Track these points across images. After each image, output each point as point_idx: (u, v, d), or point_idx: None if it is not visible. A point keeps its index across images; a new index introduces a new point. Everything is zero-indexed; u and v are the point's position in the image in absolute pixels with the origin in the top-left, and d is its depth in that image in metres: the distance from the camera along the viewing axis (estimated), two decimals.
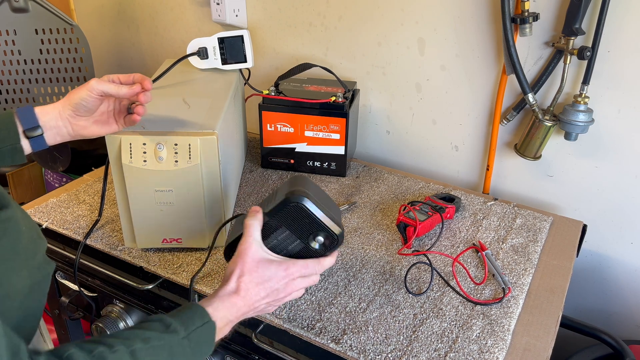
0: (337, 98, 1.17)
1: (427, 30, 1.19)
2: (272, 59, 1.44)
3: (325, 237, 0.76)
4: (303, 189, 0.75)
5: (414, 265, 0.96)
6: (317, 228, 0.75)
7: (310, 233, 0.76)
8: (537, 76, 1.11)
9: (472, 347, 0.80)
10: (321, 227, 0.75)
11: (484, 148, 1.25)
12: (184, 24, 1.56)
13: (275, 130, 1.22)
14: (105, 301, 1.07)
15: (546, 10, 1.06)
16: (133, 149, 0.87)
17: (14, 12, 1.40)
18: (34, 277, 0.66)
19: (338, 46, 1.33)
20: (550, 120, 1.08)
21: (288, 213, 0.75)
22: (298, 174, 1.23)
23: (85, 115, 0.83)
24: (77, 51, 1.46)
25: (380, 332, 0.82)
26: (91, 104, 0.82)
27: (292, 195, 0.73)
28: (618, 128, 1.08)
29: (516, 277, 0.94)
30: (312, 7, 1.31)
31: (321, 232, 0.76)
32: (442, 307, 0.87)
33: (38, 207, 1.11)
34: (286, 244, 0.77)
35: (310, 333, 0.82)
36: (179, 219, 0.93)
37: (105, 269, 1.01)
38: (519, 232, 1.06)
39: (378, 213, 1.12)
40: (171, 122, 0.93)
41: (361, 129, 1.39)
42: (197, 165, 0.88)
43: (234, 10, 1.39)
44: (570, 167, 1.16)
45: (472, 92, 1.21)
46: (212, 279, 0.92)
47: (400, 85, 1.29)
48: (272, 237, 0.76)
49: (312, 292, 0.90)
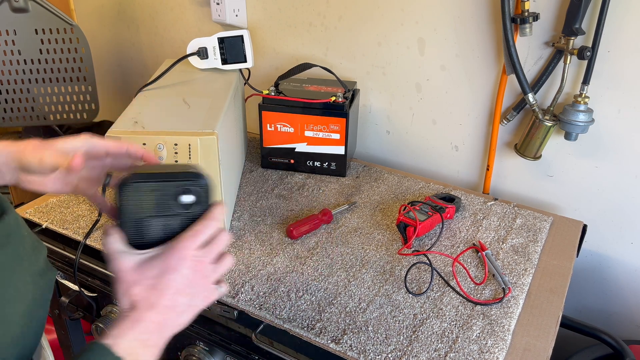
0: (337, 98, 1.17)
1: (427, 30, 1.19)
2: (272, 59, 1.44)
3: (184, 190, 0.62)
4: (128, 173, 0.63)
5: (414, 265, 0.96)
6: (168, 188, 0.62)
7: (169, 199, 0.62)
8: (537, 76, 1.11)
9: (472, 347, 0.80)
10: (170, 183, 0.62)
11: (484, 148, 1.25)
12: (184, 24, 1.56)
13: (275, 130, 1.22)
14: (105, 301, 1.07)
15: (546, 10, 1.05)
16: None
17: (14, 12, 1.40)
18: (37, 284, 0.64)
19: (338, 46, 1.33)
20: (550, 120, 1.08)
21: (130, 200, 0.61)
22: None
23: (39, 175, 0.68)
24: (77, 51, 1.46)
25: (380, 332, 0.82)
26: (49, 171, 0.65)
27: (121, 183, 0.61)
28: (618, 128, 1.08)
29: (516, 277, 0.94)
30: (312, 7, 1.31)
31: (176, 188, 0.62)
32: (442, 307, 0.87)
33: (38, 207, 1.11)
34: (162, 230, 0.63)
35: (310, 333, 0.82)
36: None
37: (106, 269, 1.01)
38: (519, 232, 1.06)
39: (378, 213, 1.12)
40: (171, 122, 0.93)
41: (361, 129, 1.39)
42: (196, 165, 0.88)
43: (234, 10, 1.39)
44: (570, 167, 1.16)
45: (472, 92, 1.20)
46: None
47: (400, 85, 1.29)
48: (143, 234, 0.63)
49: (312, 292, 0.90)
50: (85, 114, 1.54)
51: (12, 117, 1.49)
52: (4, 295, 0.58)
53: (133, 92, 1.05)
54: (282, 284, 0.91)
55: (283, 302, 0.87)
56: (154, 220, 0.63)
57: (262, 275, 0.93)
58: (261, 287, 0.91)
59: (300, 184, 1.22)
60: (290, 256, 0.98)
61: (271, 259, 0.97)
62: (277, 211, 1.12)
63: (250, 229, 1.06)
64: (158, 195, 0.62)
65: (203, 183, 0.63)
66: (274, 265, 0.96)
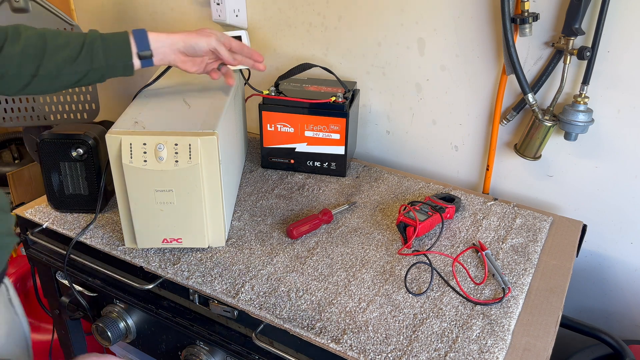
0: (337, 98, 1.17)
1: (427, 30, 1.19)
2: (272, 59, 1.44)
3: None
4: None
5: (414, 265, 0.96)
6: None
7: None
8: (537, 76, 1.11)
9: (472, 347, 0.80)
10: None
11: (483, 148, 1.25)
12: (184, 24, 1.56)
13: (275, 130, 1.22)
14: (105, 301, 1.07)
15: (546, 10, 1.06)
16: (133, 149, 0.88)
17: (14, 12, 1.40)
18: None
19: (338, 46, 1.33)
20: (550, 120, 1.08)
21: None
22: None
23: (190, 56, 0.97)
24: None
25: (380, 332, 0.82)
26: (201, 53, 0.96)
27: None
28: (618, 128, 1.08)
29: (516, 277, 0.94)
30: (312, 7, 1.31)
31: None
32: (442, 307, 0.87)
33: (38, 207, 1.11)
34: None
35: (310, 333, 0.82)
36: (179, 219, 0.93)
37: (106, 269, 1.01)
38: (519, 232, 1.06)
39: (378, 213, 1.12)
40: (171, 122, 0.93)
41: (361, 129, 1.39)
42: (197, 165, 0.88)
43: (234, 11, 1.40)
44: (570, 167, 1.16)
45: (472, 92, 1.21)
46: (212, 278, 0.92)
47: (400, 85, 1.29)
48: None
49: (312, 292, 0.90)
50: (86, 114, 1.55)
51: (12, 117, 1.49)
52: None
53: (133, 92, 1.05)
54: (282, 284, 0.91)
55: (283, 302, 0.87)
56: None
57: (262, 275, 0.93)
58: (261, 287, 0.91)
59: (300, 184, 1.22)
60: (290, 256, 0.98)
61: (271, 259, 0.97)
62: (277, 211, 1.12)
63: (250, 229, 1.06)
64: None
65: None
66: (274, 265, 0.96)
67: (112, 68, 0.91)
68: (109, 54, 0.89)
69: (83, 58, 0.88)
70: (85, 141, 1.02)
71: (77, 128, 1.05)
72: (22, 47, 0.83)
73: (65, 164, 1.04)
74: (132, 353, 1.16)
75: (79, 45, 0.88)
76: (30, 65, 0.85)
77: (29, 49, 0.84)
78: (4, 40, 0.83)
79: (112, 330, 1.02)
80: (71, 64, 0.87)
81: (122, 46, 0.90)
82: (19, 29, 0.85)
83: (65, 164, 1.04)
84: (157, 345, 1.04)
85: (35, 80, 0.86)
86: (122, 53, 0.90)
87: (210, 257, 0.97)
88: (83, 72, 0.89)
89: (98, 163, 1.05)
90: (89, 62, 0.88)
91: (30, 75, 0.85)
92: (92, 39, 0.89)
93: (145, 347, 1.08)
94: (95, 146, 1.03)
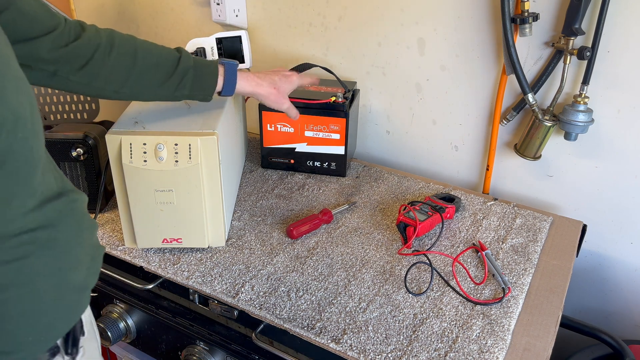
0: (337, 98, 1.17)
1: (427, 30, 1.19)
2: (272, 59, 1.44)
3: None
4: None
5: (414, 265, 0.96)
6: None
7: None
8: (537, 76, 1.11)
9: (472, 347, 0.80)
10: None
11: (483, 148, 1.25)
12: (184, 24, 1.56)
13: (275, 130, 1.23)
14: (105, 301, 1.07)
15: (546, 10, 1.06)
16: (133, 149, 0.88)
17: None
18: (92, 253, 0.71)
19: (338, 46, 1.33)
20: (550, 120, 1.08)
21: None
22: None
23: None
24: None
25: (380, 332, 0.82)
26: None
27: None
28: (618, 128, 1.08)
29: (516, 277, 0.94)
30: (312, 7, 1.31)
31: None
32: (442, 307, 0.87)
33: None
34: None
35: (310, 333, 0.82)
36: (179, 219, 0.93)
37: (105, 268, 1.01)
38: (519, 232, 1.06)
39: (378, 213, 1.12)
40: (171, 122, 0.93)
41: (361, 129, 1.39)
42: (197, 165, 0.89)
43: (234, 11, 1.39)
44: (570, 167, 1.16)
45: (472, 92, 1.21)
46: (212, 278, 0.92)
47: (400, 85, 1.29)
48: None
49: (312, 292, 0.90)
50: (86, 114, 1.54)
51: None
52: (68, 262, 0.65)
53: None
54: (282, 284, 0.91)
55: (283, 302, 0.87)
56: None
57: (262, 275, 0.93)
58: (261, 287, 0.91)
59: (300, 184, 1.22)
60: (290, 256, 0.98)
61: (271, 259, 0.97)
62: (277, 211, 1.12)
63: (250, 228, 1.06)
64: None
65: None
66: (274, 265, 0.96)
67: (190, 97, 0.90)
68: (195, 87, 0.89)
69: (169, 85, 0.86)
70: (85, 141, 1.03)
71: (77, 128, 1.05)
72: (111, 67, 0.80)
73: (65, 164, 1.04)
74: (132, 353, 1.16)
75: (170, 70, 0.85)
76: (114, 85, 0.82)
77: (118, 68, 0.81)
78: (94, 51, 0.79)
79: (112, 330, 1.03)
80: (155, 88, 0.85)
81: (210, 84, 0.90)
82: (113, 40, 0.81)
83: (65, 164, 1.04)
84: (157, 345, 1.05)
85: (115, 95, 0.84)
86: (208, 89, 0.90)
87: (210, 257, 0.97)
88: (162, 96, 0.88)
89: (98, 163, 1.05)
90: (173, 89, 0.87)
91: (112, 91, 0.83)
92: (185, 68, 0.86)
93: (145, 347, 1.08)
94: (95, 146, 1.04)
